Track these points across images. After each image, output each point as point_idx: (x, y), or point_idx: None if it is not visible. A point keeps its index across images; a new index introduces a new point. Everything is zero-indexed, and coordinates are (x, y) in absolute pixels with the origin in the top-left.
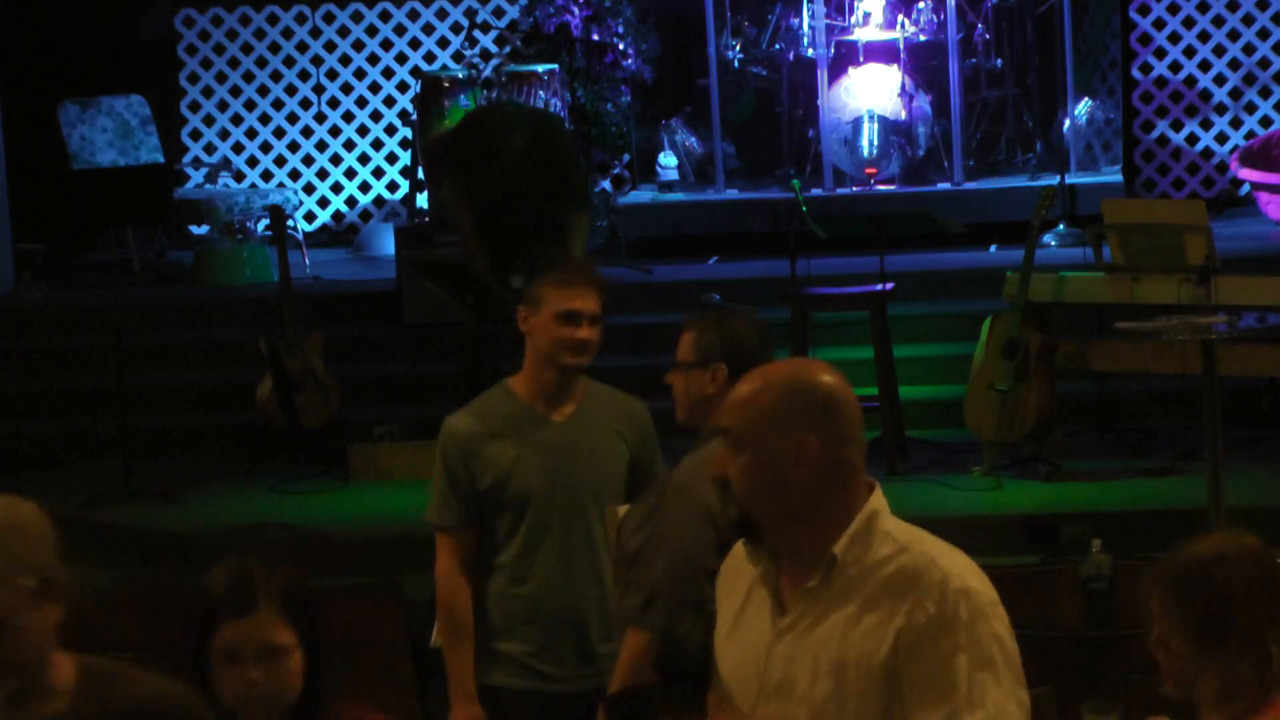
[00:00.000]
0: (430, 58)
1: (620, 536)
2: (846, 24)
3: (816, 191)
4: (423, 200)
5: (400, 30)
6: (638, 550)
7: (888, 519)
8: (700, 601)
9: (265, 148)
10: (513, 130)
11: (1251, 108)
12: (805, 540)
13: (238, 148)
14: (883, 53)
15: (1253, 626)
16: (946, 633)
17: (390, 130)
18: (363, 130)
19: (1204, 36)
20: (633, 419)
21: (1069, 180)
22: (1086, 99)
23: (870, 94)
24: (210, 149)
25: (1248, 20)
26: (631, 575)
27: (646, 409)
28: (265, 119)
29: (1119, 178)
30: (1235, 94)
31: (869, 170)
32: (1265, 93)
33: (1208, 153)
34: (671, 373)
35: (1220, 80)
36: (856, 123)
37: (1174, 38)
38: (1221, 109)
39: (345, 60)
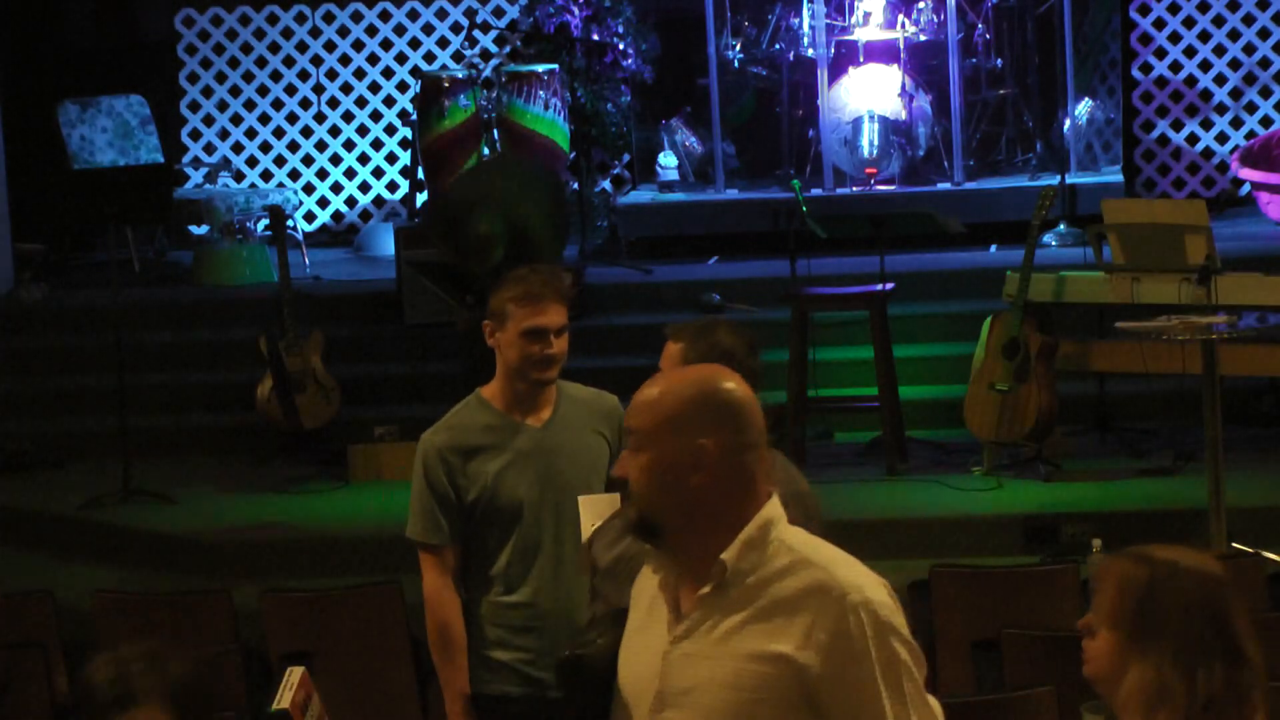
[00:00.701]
0: (430, 58)
1: (595, 547)
2: (846, 24)
3: (816, 191)
4: (422, 200)
5: (400, 30)
6: (611, 564)
7: (784, 528)
8: None
9: (265, 148)
10: (493, 226)
11: (1252, 107)
12: (700, 545)
13: (237, 148)
14: (883, 53)
15: (1185, 647)
16: (856, 655)
17: (390, 130)
18: (362, 130)
19: (1204, 36)
20: (609, 415)
21: (1069, 180)
22: (1087, 99)
23: (870, 94)
24: (210, 149)
25: (1248, 20)
26: (604, 587)
27: (619, 403)
28: (265, 119)
29: (1119, 177)
30: (1235, 94)
31: (869, 170)
32: (1265, 92)
33: (1208, 152)
34: None
35: (1221, 80)
36: (856, 123)
37: (1174, 37)
38: (1222, 109)
39: (345, 60)
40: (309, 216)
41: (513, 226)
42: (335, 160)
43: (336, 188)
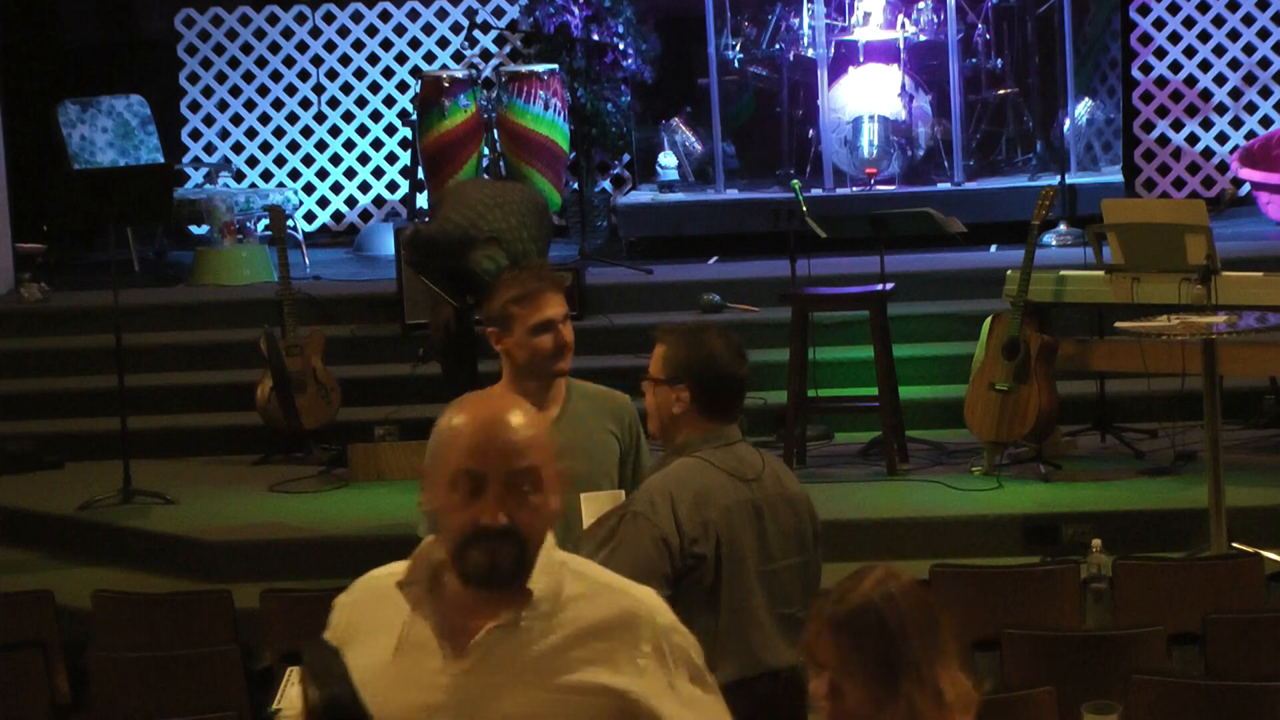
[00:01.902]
0: (430, 58)
1: (583, 548)
2: (846, 24)
3: (816, 191)
4: (423, 200)
5: (400, 30)
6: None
7: (560, 552)
8: None
9: (265, 148)
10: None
11: (1252, 108)
12: None
13: (237, 148)
14: (883, 53)
15: (926, 662)
16: (671, 676)
17: (390, 130)
18: (362, 130)
19: (1204, 36)
20: (619, 413)
21: (1069, 180)
22: (1086, 99)
23: (870, 94)
24: (210, 149)
25: (1248, 20)
26: None
27: (630, 401)
28: (265, 119)
29: (1119, 177)
30: (1235, 94)
31: (869, 170)
32: (1265, 93)
33: (1208, 153)
34: (644, 382)
35: (1220, 80)
36: (856, 123)
37: (1174, 38)
38: (1221, 109)
39: (345, 60)
40: (309, 216)
41: (510, 260)
42: (335, 160)
43: (336, 188)
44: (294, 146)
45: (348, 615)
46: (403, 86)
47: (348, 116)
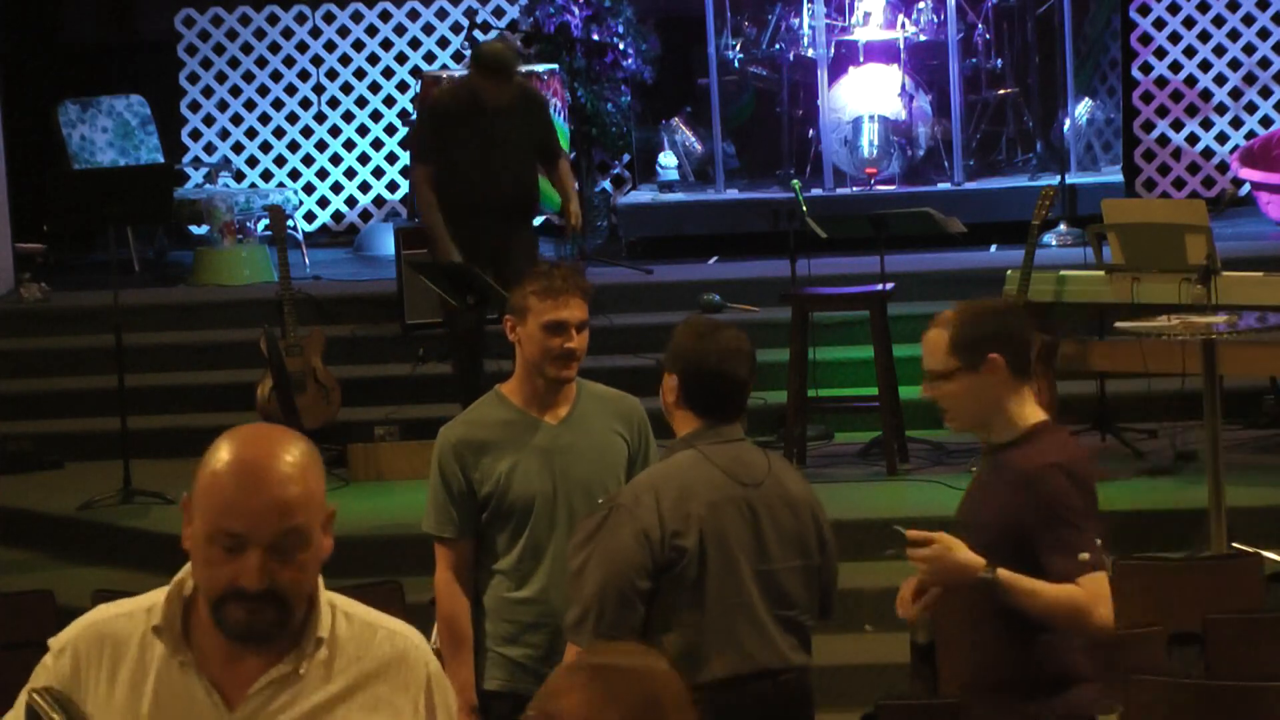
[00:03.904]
0: (430, 58)
1: (568, 549)
2: (846, 24)
3: (817, 191)
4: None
5: (400, 30)
6: (580, 566)
7: (325, 592)
8: (634, 620)
9: (265, 148)
10: None
11: (1252, 108)
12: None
13: (238, 148)
14: (883, 53)
15: None
16: (447, 716)
17: (390, 130)
18: (363, 130)
19: (1204, 36)
20: (628, 416)
21: (1069, 180)
22: (1087, 99)
23: (870, 94)
24: (210, 149)
25: (1248, 20)
26: (572, 590)
27: (640, 405)
28: (265, 119)
29: (1119, 177)
30: (1235, 94)
31: (869, 170)
32: (1265, 93)
33: (1208, 152)
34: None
35: (1220, 80)
36: (856, 123)
37: (1174, 38)
38: (1222, 109)
39: (345, 60)
40: (309, 216)
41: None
42: (335, 160)
43: (337, 188)
44: (294, 146)
45: (71, 661)
46: (403, 86)
47: (348, 116)
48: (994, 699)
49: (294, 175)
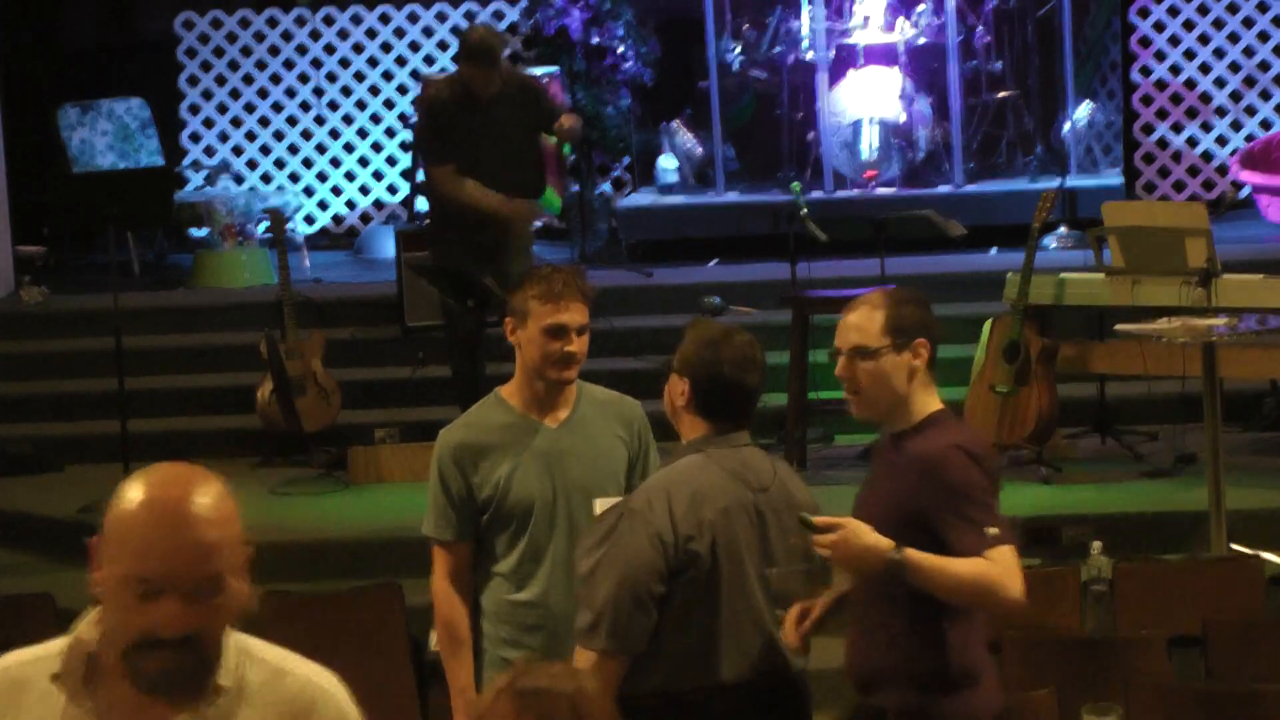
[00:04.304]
0: (430, 60)
1: (577, 553)
2: (846, 27)
3: (817, 194)
4: (422, 203)
5: (400, 33)
6: (591, 570)
7: (234, 635)
8: (647, 625)
9: (265, 150)
10: None
11: (1252, 110)
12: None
13: (237, 151)
14: (883, 55)
15: None
16: None
17: (390, 133)
18: (362, 133)
19: (1204, 39)
20: (628, 419)
21: (1069, 183)
22: (1087, 101)
23: (870, 97)
24: (210, 152)
25: (1248, 23)
26: (583, 594)
27: (640, 408)
28: (265, 122)
29: (1119, 180)
30: (1235, 97)
31: (869, 173)
32: (1265, 95)
33: (1208, 155)
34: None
35: (1220, 83)
36: (856, 125)
37: (1174, 40)
38: (1222, 112)
39: (345, 63)
40: (309, 219)
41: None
42: (335, 163)
43: (336, 190)
44: (294, 149)
45: None
46: (402, 89)
47: (347, 119)
48: (899, 694)
49: (294, 178)
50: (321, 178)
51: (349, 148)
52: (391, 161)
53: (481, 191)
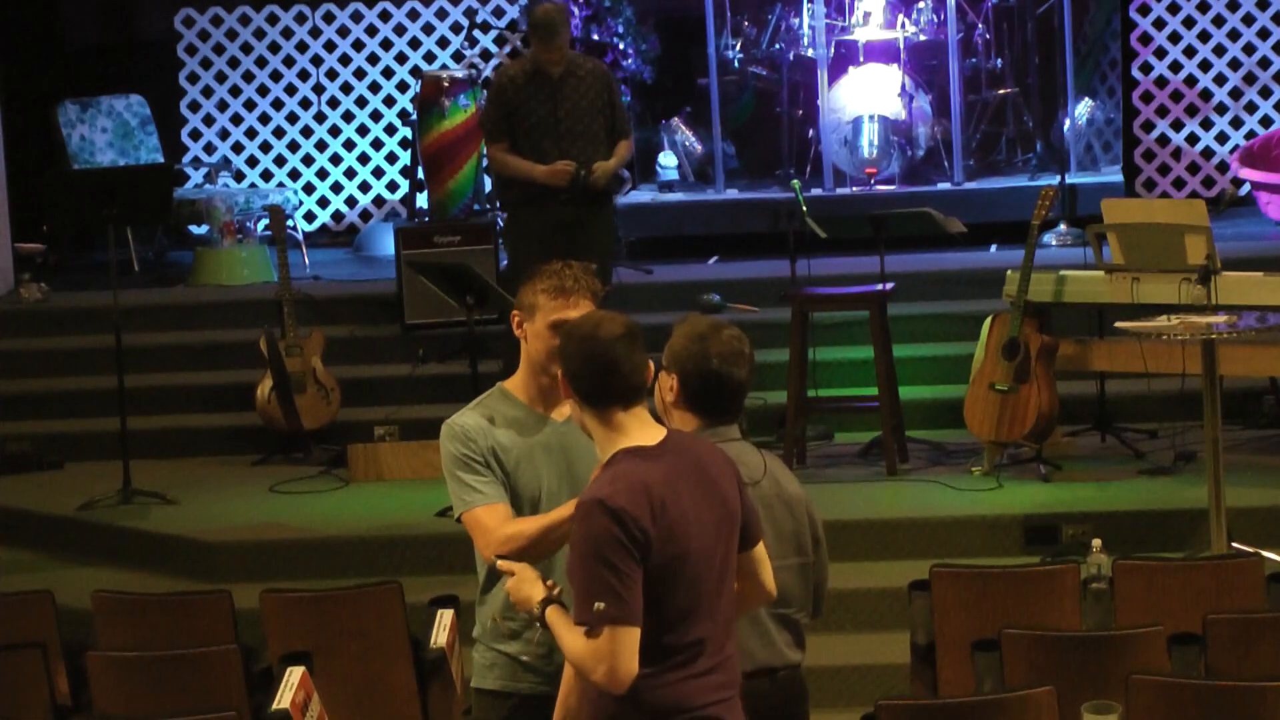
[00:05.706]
0: (430, 57)
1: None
2: (846, 24)
3: (816, 191)
4: (422, 200)
5: (400, 30)
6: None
7: None
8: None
9: (265, 147)
10: None
11: (1252, 107)
12: None
13: (237, 148)
14: (883, 53)
15: None
16: None
17: (390, 130)
18: (362, 130)
19: (1204, 36)
20: None
21: (1069, 180)
22: (1086, 99)
23: (870, 94)
24: (210, 149)
25: (1248, 20)
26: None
27: None
28: (265, 119)
29: (1119, 177)
30: (1235, 94)
31: (869, 170)
32: (1265, 92)
33: (1208, 152)
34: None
35: (1220, 80)
36: (856, 123)
37: (1174, 37)
38: (1222, 109)
39: (345, 60)
40: (309, 216)
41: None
42: (335, 160)
43: (336, 188)
44: (294, 146)
45: None
46: (403, 86)
47: (348, 116)
48: None
49: (294, 175)
50: (321, 175)
51: (349, 145)
52: (392, 159)
53: (527, 164)
